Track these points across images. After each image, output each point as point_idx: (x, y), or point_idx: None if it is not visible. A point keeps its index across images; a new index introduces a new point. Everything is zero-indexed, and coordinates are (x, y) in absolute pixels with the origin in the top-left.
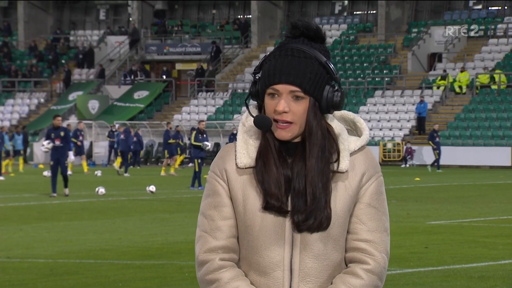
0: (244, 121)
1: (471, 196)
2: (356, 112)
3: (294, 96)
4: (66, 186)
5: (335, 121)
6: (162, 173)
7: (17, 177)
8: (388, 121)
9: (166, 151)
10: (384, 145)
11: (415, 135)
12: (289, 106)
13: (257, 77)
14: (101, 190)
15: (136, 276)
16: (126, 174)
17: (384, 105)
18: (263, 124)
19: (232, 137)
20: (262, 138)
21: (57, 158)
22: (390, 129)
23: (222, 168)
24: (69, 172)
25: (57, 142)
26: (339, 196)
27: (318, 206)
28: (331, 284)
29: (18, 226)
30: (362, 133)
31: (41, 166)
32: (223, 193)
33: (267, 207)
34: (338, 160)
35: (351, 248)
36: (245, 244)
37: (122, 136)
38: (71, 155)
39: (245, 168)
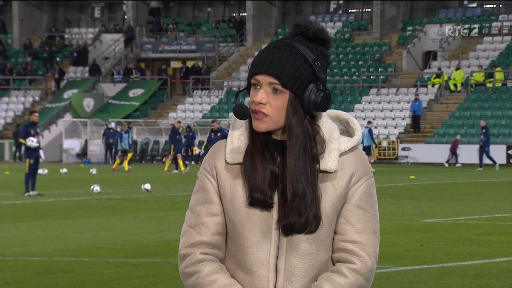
0: (235, 118)
1: (465, 194)
2: (351, 110)
3: (273, 89)
4: (34, 187)
5: (328, 121)
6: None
7: (11, 175)
8: (383, 119)
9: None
10: (379, 143)
11: (410, 133)
12: (267, 98)
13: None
14: (96, 188)
15: (131, 274)
16: (187, 169)
17: (379, 103)
18: (241, 112)
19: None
20: (250, 134)
21: (37, 157)
22: (385, 127)
23: (212, 164)
24: (63, 171)
25: (36, 139)
26: (328, 196)
27: (303, 205)
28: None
29: (13, 224)
30: (354, 134)
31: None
32: (211, 190)
33: (252, 201)
34: (324, 159)
35: (338, 249)
36: (233, 241)
37: (187, 133)
38: (42, 153)
39: (234, 164)
